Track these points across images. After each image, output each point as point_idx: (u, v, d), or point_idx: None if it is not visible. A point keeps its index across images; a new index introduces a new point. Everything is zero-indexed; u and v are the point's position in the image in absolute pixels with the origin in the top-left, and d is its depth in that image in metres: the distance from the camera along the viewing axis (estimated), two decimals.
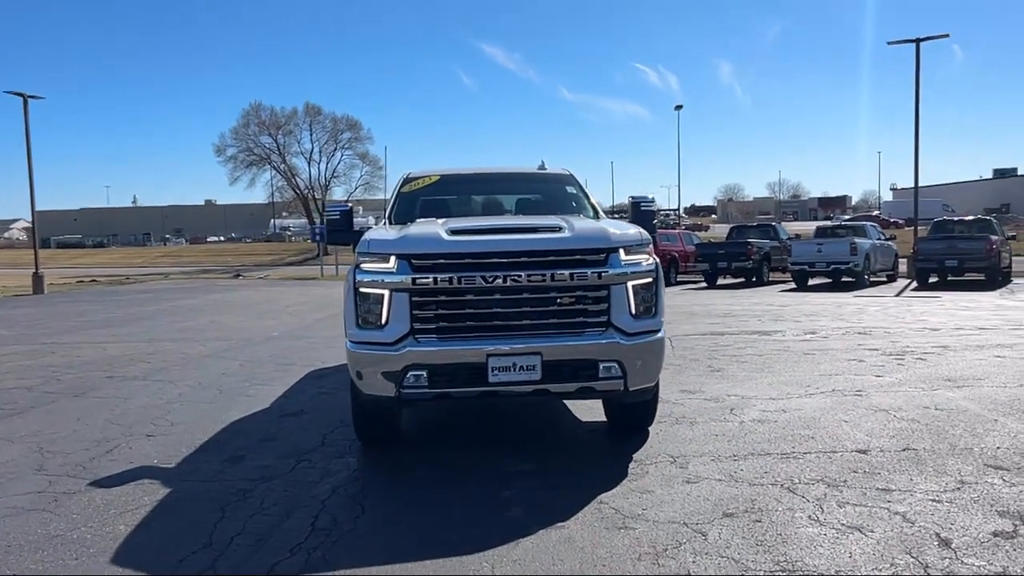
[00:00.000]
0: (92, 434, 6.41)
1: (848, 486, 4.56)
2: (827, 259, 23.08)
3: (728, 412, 6.57)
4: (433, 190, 7.25)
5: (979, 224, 24.50)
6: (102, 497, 4.78)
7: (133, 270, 49.74)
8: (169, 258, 69.13)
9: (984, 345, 10.13)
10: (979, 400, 6.77)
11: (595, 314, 5.06)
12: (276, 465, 5.37)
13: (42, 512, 4.54)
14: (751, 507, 4.26)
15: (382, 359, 5.00)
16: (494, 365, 4.91)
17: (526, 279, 4.93)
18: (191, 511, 4.49)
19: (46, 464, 5.57)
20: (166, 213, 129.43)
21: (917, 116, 29.90)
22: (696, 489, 4.59)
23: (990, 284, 22.07)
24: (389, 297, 5.00)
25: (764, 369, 8.69)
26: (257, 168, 64.64)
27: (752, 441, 5.64)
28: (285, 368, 9.66)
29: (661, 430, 5.98)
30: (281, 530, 4.15)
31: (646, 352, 5.20)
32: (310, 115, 64.68)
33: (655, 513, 4.22)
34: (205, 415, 7.03)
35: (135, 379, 9.10)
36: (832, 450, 5.34)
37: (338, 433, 6.22)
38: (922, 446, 5.38)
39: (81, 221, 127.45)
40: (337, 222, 6.95)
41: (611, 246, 5.13)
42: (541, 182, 7.53)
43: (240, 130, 63.85)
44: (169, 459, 5.61)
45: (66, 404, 7.74)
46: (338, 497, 4.69)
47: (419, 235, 5.22)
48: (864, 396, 7.06)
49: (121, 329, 14.90)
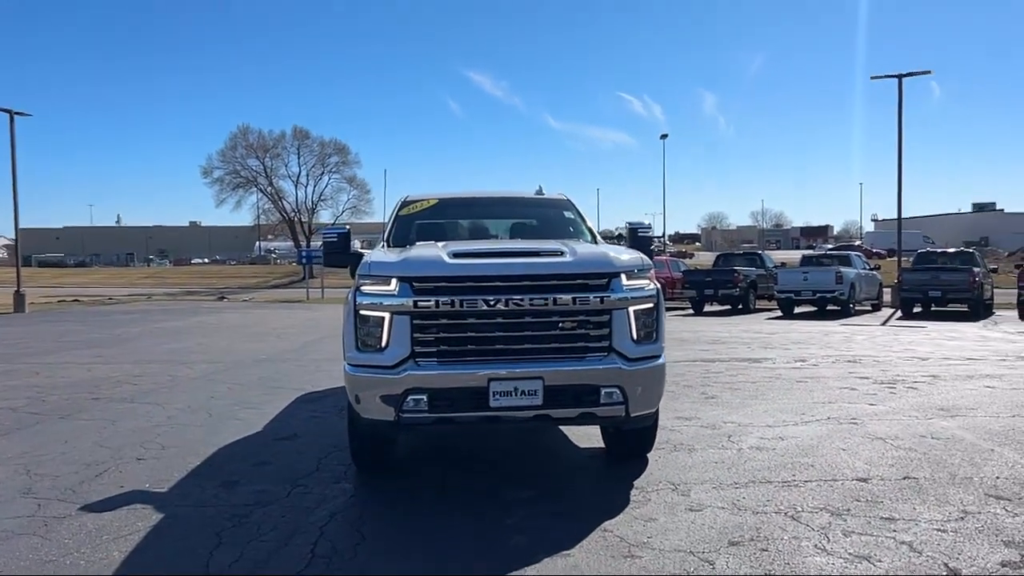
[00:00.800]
0: (81, 457, 6.29)
1: (852, 515, 4.53)
2: (813, 287, 23.26)
3: (726, 439, 6.54)
4: (431, 213, 7.23)
5: (962, 256, 24.81)
6: (94, 522, 4.67)
7: (116, 290, 49.18)
8: (153, 279, 68.54)
9: (973, 375, 10.19)
10: (974, 430, 6.78)
11: (597, 339, 5.04)
12: (271, 490, 5.27)
13: (32, 536, 4.43)
14: (756, 535, 4.22)
15: (381, 382, 4.94)
16: (496, 389, 4.87)
17: (528, 303, 4.90)
18: (186, 537, 4.39)
19: (34, 487, 5.45)
20: (150, 234, 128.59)
21: (900, 149, 30.37)
22: (700, 517, 4.55)
23: (973, 315, 22.29)
24: (390, 320, 4.96)
25: (758, 396, 8.68)
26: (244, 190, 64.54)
27: (752, 469, 5.61)
28: (275, 391, 9.56)
29: (660, 457, 5.95)
30: (280, 557, 4.07)
31: (648, 378, 5.18)
32: (298, 138, 64.75)
33: (660, 541, 4.17)
34: (196, 438, 6.92)
35: (122, 401, 8.96)
36: (833, 478, 5.32)
37: (333, 458, 6.13)
38: (922, 475, 5.37)
39: (63, 240, 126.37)
40: (335, 244, 6.91)
41: (613, 271, 5.12)
42: (539, 207, 7.54)
43: (228, 152, 63.82)
44: (161, 483, 5.50)
45: (52, 426, 7.60)
46: (336, 524, 4.61)
47: (421, 258, 5.20)
48: (860, 424, 7.06)
49: (106, 350, 14.71)
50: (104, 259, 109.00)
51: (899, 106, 30.21)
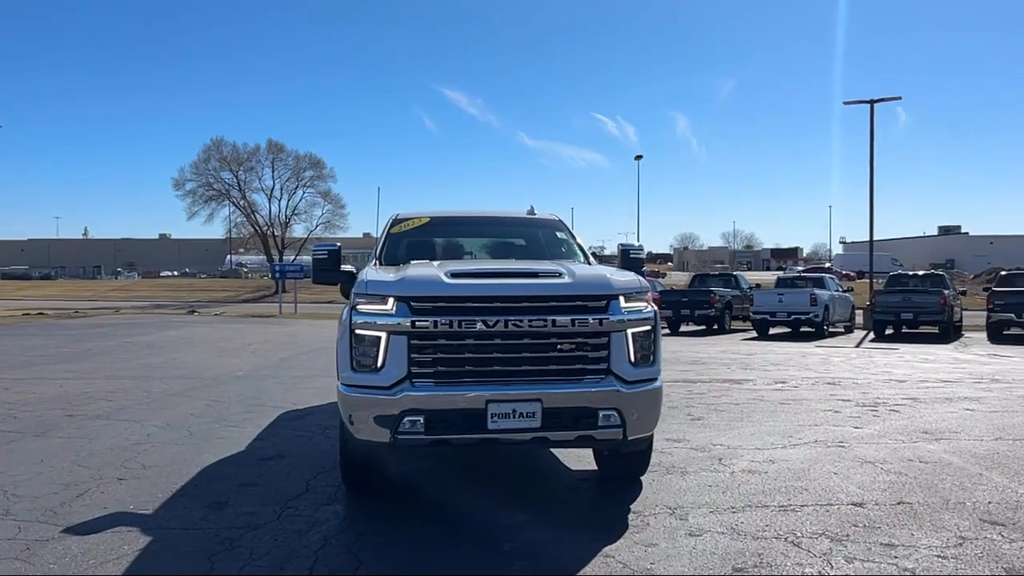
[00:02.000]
0: (59, 477, 6.10)
1: (851, 540, 4.53)
2: (788, 309, 23.49)
3: (717, 462, 6.53)
4: (423, 231, 7.18)
5: (933, 279, 25.23)
6: (79, 545, 4.52)
7: (83, 303, 48.22)
8: (120, 292, 67.37)
9: (952, 398, 10.31)
10: (960, 453, 6.84)
11: (595, 361, 5.01)
12: (261, 512, 5.15)
13: (14, 561, 4.27)
14: (760, 562, 4.20)
15: (377, 403, 4.86)
16: (494, 411, 4.81)
17: (527, 324, 4.86)
18: (177, 561, 4.27)
19: (12, 508, 5.27)
20: (118, 246, 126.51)
21: (872, 173, 30.93)
22: (701, 543, 4.51)
23: (943, 337, 22.64)
24: (386, 340, 4.88)
25: (743, 419, 8.70)
26: (216, 203, 63.61)
27: (747, 493, 5.59)
28: (255, 409, 9.39)
29: (654, 480, 5.91)
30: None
31: (645, 401, 5.15)
32: (272, 152, 64.05)
33: (664, 567, 4.13)
34: (178, 458, 6.76)
35: (98, 418, 8.74)
36: (828, 503, 5.32)
37: (321, 479, 6.02)
38: (915, 500, 5.39)
39: (28, 252, 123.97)
40: (325, 261, 6.83)
41: (612, 292, 5.10)
42: (531, 227, 7.52)
43: (200, 164, 62.91)
44: (146, 504, 5.35)
45: (27, 444, 7.38)
46: (331, 548, 4.50)
47: (418, 277, 5.13)
48: (847, 448, 7.09)
49: (76, 365, 14.38)
50: (70, 272, 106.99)
51: (871, 131, 30.85)
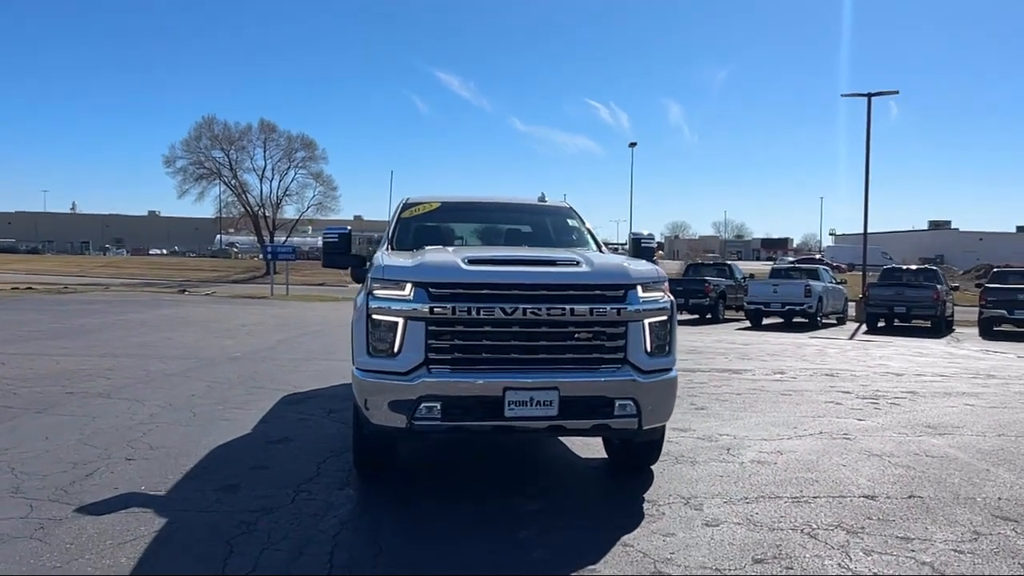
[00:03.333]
0: (66, 455, 6.06)
1: (867, 533, 4.55)
2: (782, 300, 23.57)
3: (725, 452, 6.55)
4: (434, 216, 7.13)
5: (926, 273, 25.35)
6: (94, 525, 4.48)
7: (71, 279, 47.86)
8: (109, 268, 66.90)
9: (950, 392, 10.38)
10: (964, 449, 6.89)
11: (612, 350, 5.00)
12: (275, 496, 5.13)
13: (30, 540, 4.23)
14: (779, 553, 4.21)
15: (394, 389, 4.84)
16: (511, 399, 4.80)
17: (545, 312, 4.84)
18: (195, 544, 4.24)
19: (22, 486, 5.23)
20: (107, 222, 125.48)
21: (867, 166, 30.95)
22: (718, 533, 4.53)
23: (935, 332, 22.79)
24: (404, 325, 4.85)
25: (747, 409, 8.73)
26: (207, 182, 63.12)
27: (758, 483, 5.62)
28: (256, 391, 9.35)
29: (664, 469, 5.92)
30: (297, 567, 3.95)
31: (661, 391, 5.16)
32: (264, 132, 63.58)
33: (684, 558, 4.14)
34: (184, 439, 6.72)
35: (98, 396, 8.68)
36: (840, 495, 5.35)
37: (331, 463, 5.99)
38: (926, 494, 5.42)
39: (15, 225, 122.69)
40: (336, 245, 6.78)
41: (630, 282, 5.09)
42: (543, 214, 7.48)
43: (191, 142, 62.35)
44: (157, 486, 5.31)
45: (29, 421, 7.33)
46: (349, 533, 4.49)
47: (437, 263, 5.10)
48: (853, 440, 7.13)
49: (71, 342, 14.27)
50: (58, 246, 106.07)
51: (868, 124, 30.84)
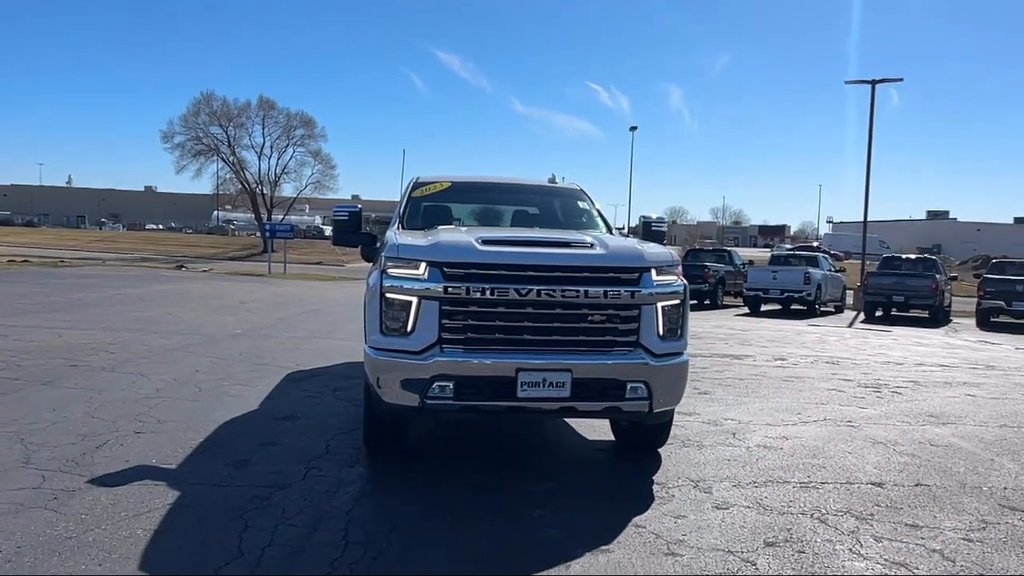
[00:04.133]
0: (74, 427, 6.06)
1: (876, 520, 4.59)
2: (781, 286, 23.60)
3: (731, 436, 6.59)
4: (444, 196, 7.11)
5: (925, 263, 25.36)
6: (107, 497, 4.50)
7: (67, 253, 47.70)
8: (105, 243, 66.69)
9: (951, 383, 10.43)
10: (968, 438, 6.93)
11: (624, 333, 5.01)
12: (286, 472, 5.14)
13: (44, 510, 4.25)
14: (790, 537, 4.25)
15: (407, 367, 4.84)
16: (524, 380, 4.81)
17: (560, 294, 4.84)
18: (210, 517, 4.26)
19: (33, 457, 5.23)
20: (103, 196, 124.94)
21: (869, 153, 30.94)
22: (729, 516, 4.56)
23: (933, 322, 22.86)
24: (417, 304, 4.86)
25: (750, 394, 8.77)
26: (205, 158, 62.57)
27: (765, 468, 5.65)
28: (260, 368, 9.35)
29: (671, 452, 5.95)
30: (313, 543, 3.96)
31: (672, 375, 5.18)
32: (263, 109, 62.96)
33: (696, 539, 4.17)
34: (192, 414, 6.73)
35: (102, 370, 8.68)
36: (848, 481, 5.39)
37: (340, 441, 6.01)
38: (932, 482, 5.46)
39: (11, 197, 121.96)
40: (346, 223, 6.77)
41: (644, 265, 5.08)
42: (553, 196, 7.46)
43: (190, 118, 61.71)
44: (168, 459, 5.33)
45: (35, 393, 7.33)
46: (362, 509, 4.51)
47: (451, 243, 5.08)
48: (857, 428, 7.17)
49: (70, 315, 14.24)
50: (53, 220, 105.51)
51: (871, 111, 30.81)
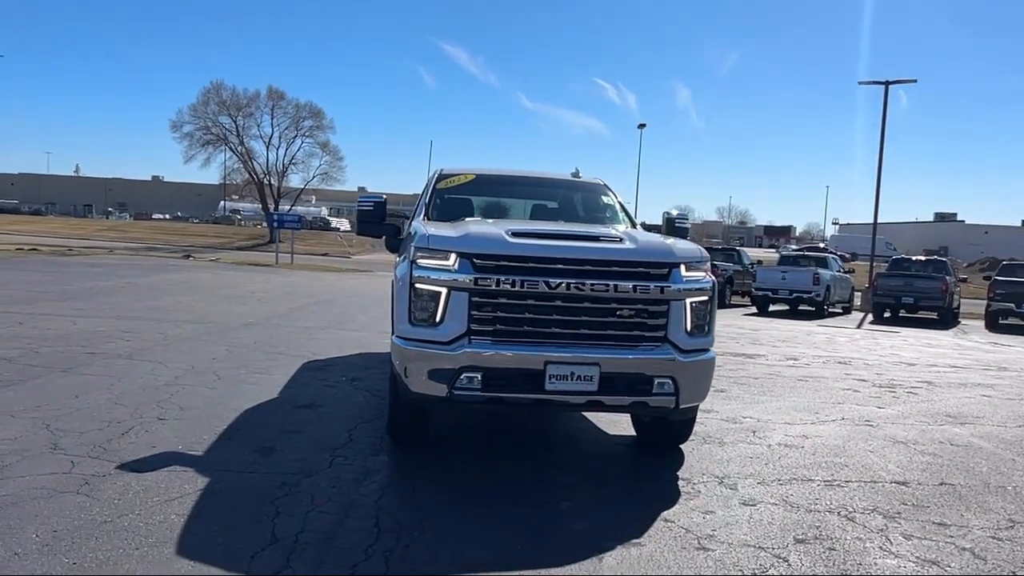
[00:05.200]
0: (98, 414, 6.09)
1: (904, 518, 4.59)
2: (790, 287, 23.55)
3: (751, 434, 6.59)
4: (469, 189, 7.11)
5: (935, 264, 25.36)
6: (138, 482, 4.52)
7: (74, 241, 47.79)
8: (113, 232, 66.77)
9: (966, 383, 10.42)
10: (988, 438, 6.93)
11: (653, 328, 5.02)
12: (311, 460, 5.16)
13: (76, 495, 4.27)
14: (819, 534, 4.25)
15: (435, 358, 4.86)
16: (552, 373, 4.82)
17: (589, 288, 4.85)
18: (241, 504, 4.28)
19: (60, 443, 5.26)
20: (110, 185, 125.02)
21: (881, 154, 30.96)
22: (756, 512, 4.57)
23: (941, 323, 22.82)
24: (447, 295, 4.87)
25: (766, 392, 8.77)
26: (213, 148, 62.53)
27: (789, 466, 5.66)
28: (275, 357, 9.38)
29: (693, 448, 5.96)
30: (345, 530, 3.98)
31: (699, 371, 5.20)
32: (272, 99, 62.87)
33: (726, 535, 4.17)
34: (212, 401, 6.76)
35: (120, 357, 8.70)
36: (872, 480, 5.39)
37: (362, 430, 6.03)
38: (956, 481, 5.46)
39: (19, 186, 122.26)
40: (371, 213, 6.78)
41: (674, 261, 5.09)
42: (577, 190, 7.47)
43: (199, 108, 61.68)
44: (193, 446, 5.35)
45: (56, 380, 7.35)
46: (391, 498, 4.53)
47: (482, 235, 5.10)
48: (876, 427, 7.17)
49: (83, 303, 14.28)
50: (61, 208, 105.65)
51: (884, 112, 30.88)
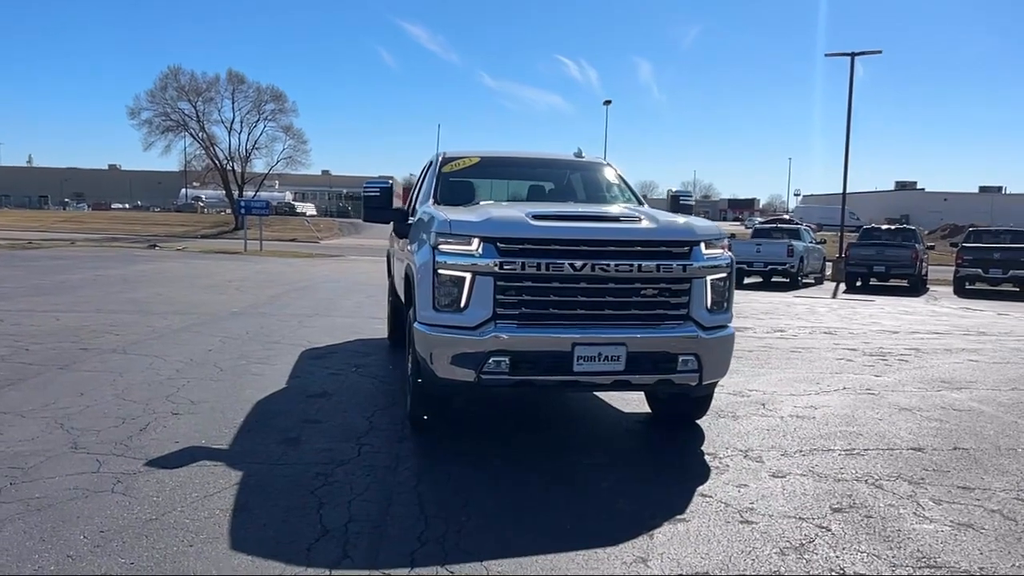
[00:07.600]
0: (109, 411, 5.99)
1: (929, 484, 4.72)
2: (765, 259, 23.83)
3: (761, 407, 6.70)
4: (475, 172, 7.08)
5: (904, 233, 25.81)
6: (171, 479, 4.47)
7: (32, 234, 46.54)
8: (71, 223, 65.19)
9: (951, 349, 10.68)
10: (986, 402, 7.13)
11: (675, 306, 5.07)
12: (338, 448, 5.15)
13: (112, 494, 4.21)
14: (853, 503, 4.36)
15: (462, 343, 4.86)
16: (580, 354, 4.85)
17: (613, 268, 4.88)
18: (281, 495, 4.26)
19: (80, 441, 5.17)
20: (65, 176, 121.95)
21: (848, 125, 31.39)
22: (788, 484, 4.66)
23: (912, 291, 23.29)
24: (471, 280, 4.86)
25: (763, 365, 8.90)
26: (174, 134, 61.10)
27: (805, 437, 5.77)
28: (273, 346, 9.30)
29: (709, 423, 6.05)
30: (392, 518, 3.99)
31: (721, 347, 5.25)
32: (233, 83, 61.51)
33: (765, 507, 4.26)
34: (222, 393, 6.69)
35: (114, 352, 8.55)
36: (889, 448, 5.52)
37: (380, 418, 6.02)
38: (968, 445, 5.62)
39: None
40: (377, 199, 6.72)
41: (695, 239, 5.13)
42: (584, 170, 7.48)
43: (157, 93, 60.07)
44: (216, 440, 5.30)
45: (57, 377, 7.21)
46: (427, 485, 4.54)
47: (504, 219, 5.09)
48: (878, 396, 7.33)
49: (59, 298, 13.97)
50: (15, 200, 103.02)
51: (850, 83, 31.21)
